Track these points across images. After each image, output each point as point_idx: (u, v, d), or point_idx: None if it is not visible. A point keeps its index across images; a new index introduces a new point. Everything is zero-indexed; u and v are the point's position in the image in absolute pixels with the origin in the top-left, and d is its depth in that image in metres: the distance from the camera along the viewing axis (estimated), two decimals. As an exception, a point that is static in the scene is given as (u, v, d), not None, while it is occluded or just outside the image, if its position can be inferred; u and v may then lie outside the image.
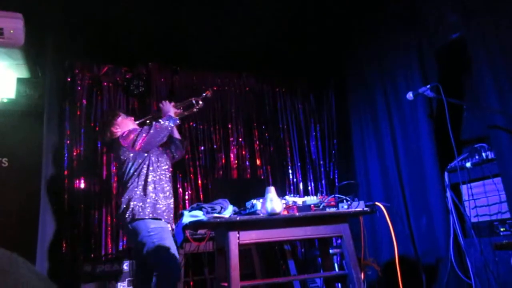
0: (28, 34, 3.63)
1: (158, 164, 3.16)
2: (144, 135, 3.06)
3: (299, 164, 5.43)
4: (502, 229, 3.05)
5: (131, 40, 4.43)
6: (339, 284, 3.65)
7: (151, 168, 3.08)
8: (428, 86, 3.14)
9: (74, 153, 4.47)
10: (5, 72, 4.14)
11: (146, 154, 3.11)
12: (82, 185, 4.41)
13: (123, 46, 4.55)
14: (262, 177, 5.18)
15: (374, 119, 4.44)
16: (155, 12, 4.05)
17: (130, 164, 3.07)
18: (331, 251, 3.60)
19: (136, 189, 2.99)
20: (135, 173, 3.04)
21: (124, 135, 3.15)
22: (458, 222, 3.31)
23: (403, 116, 4.01)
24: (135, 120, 3.48)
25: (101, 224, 4.38)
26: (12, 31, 3.51)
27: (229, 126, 5.22)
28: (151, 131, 3.07)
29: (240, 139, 5.24)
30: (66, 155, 4.41)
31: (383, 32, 4.33)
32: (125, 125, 3.29)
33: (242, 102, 5.36)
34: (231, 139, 5.18)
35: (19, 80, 4.29)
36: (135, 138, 3.07)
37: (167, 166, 3.26)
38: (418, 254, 3.70)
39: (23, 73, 4.24)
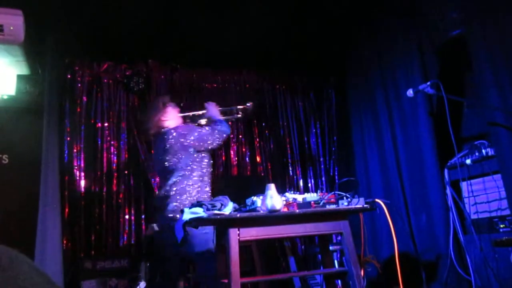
0: (28, 31, 3.62)
1: (208, 165, 3.16)
2: (211, 134, 3.07)
3: (299, 161, 5.43)
4: (501, 226, 3.05)
5: (131, 37, 4.43)
6: (339, 281, 3.66)
7: (205, 169, 3.08)
8: (428, 83, 3.14)
9: (74, 150, 4.47)
10: (5, 69, 4.14)
11: (199, 154, 3.08)
12: (82, 182, 4.42)
13: (123, 43, 4.54)
14: (262, 174, 5.18)
15: (374, 116, 4.44)
16: (155, 9, 4.04)
17: (182, 158, 3.01)
18: (331, 248, 3.60)
19: (188, 185, 2.97)
20: (187, 169, 3.00)
21: (184, 128, 3.11)
22: (458, 219, 3.31)
23: (403, 113, 4.01)
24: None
25: (101, 221, 4.39)
26: (12, 28, 3.50)
27: (229, 123, 5.21)
28: (219, 133, 3.11)
29: (240, 136, 5.24)
30: (66, 152, 4.42)
31: (384, 29, 4.33)
32: (173, 115, 3.25)
33: (242, 99, 5.35)
34: (231, 136, 5.18)
35: (19, 77, 4.28)
36: (200, 135, 3.05)
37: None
38: (418, 250, 3.71)
39: (23, 70, 4.23)
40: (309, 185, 5.38)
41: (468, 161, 3.28)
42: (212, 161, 3.25)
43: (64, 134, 4.43)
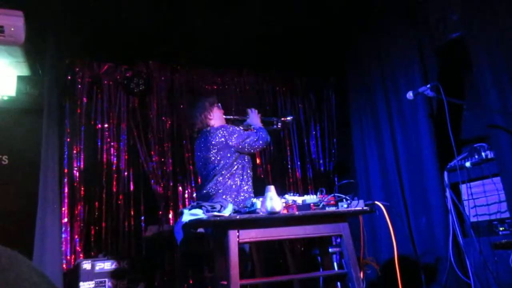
0: (28, 32, 3.63)
1: (249, 165, 3.34)
2: (253, 139, 3.26)
3: (299, 163, 5.43)
4: (501, 229, 3.05)
5: (131, 39, 4.43)
6: (339, 283, 3.65)
7: (245, 169, 3.26)
8: (428, 86, 3.14)
9: (74, 151, 4.47)
10: (5, 70, 4.14)
11: (240, 154, 3.26)
12: (82, 183, 4.42)
13: (123, 44, 4.55)
14: (262, 176, 5.18)
15: (374, 118, 4.43)
16: (155, 10, 4.04)
17: (224, 157, 3.18)
18: (330, 250, 3.60)
19: (228, 183, 3.14)
20: (229, 167, 3.17)
21: (228, 128, 3.27)
22: (457, 221, 3.31)
23: (403, 115, 4.01)
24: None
25: (101, 222, 4.38)
26: (12, 29, 3.51)
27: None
28: (260, 140, 3.29)
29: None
30: (66, 152, 4.42)
31: (384, 31, 4.33)
32: (218, 116, 3.44)
33: (242, 100, 5.36)
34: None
35: (20, 78, 4.29)
36: (243, 138, 3.23)
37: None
38: (417, 253, 3.70)
39: (24, 71, 4.24)
40: (309, 187, 5.38)
41: (467, 164, 3.28)
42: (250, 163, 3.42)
43: (64, 135, 4.43)
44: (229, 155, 3.18)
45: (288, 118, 3.81)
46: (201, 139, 3.35)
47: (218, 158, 3.17)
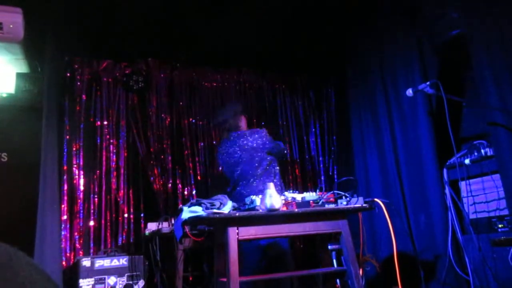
0: (27, 29, 3.62)
1: (274, 164, 3.65)
2: (273, 144, 3.67)
3: (298, 160, 5.43)
4: (500, 226, 3.06)
5: (131, 36, 4.42)
6: (338, 280, 3.66)
7: (271, 167, 3.58)
8: (428, 83, 3.14)
9: (74, 148, 4.47)
10: (4, 67, 4.13)
11: (266, 154, 3.60)
12: (81, 180, 4.42)
13: (122, 41, 4.53)
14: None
15: (374, 115, 4.43)
16: (155, 7, 4.03)
17: (252, 157, 3.50)
18: (329, 247, 3.61)
19: (256, 181, 3.45)
20: (255, 166, 3.49)
21: (255, 132, 3.66)
22: (456, 218, 3.32)
23: (403, 113, 4.01)
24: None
25: (100, 219, 4.39)
26: (11, 26, 3.50)
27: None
28: (280, 147, 3.73)
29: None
30: (66, 150, 4.41)
31: (384, 28, 4.33)
32: (244, 123, 3.82)
33: (241, 98, 5.35)
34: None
35: (19, 75, 4.28)
36: (263, 141, 3.60)
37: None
38: (416, 250, 3.71)
39: (23, 68, 4.23)
40: (308, 184, 5.38)
41: (467, 161, 3.28)
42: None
43: (63, 133, 4.42)
44: (265, 156, 3.53)
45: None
46: (228, 141, 3.65)
47: (256, 159, 3.48)
